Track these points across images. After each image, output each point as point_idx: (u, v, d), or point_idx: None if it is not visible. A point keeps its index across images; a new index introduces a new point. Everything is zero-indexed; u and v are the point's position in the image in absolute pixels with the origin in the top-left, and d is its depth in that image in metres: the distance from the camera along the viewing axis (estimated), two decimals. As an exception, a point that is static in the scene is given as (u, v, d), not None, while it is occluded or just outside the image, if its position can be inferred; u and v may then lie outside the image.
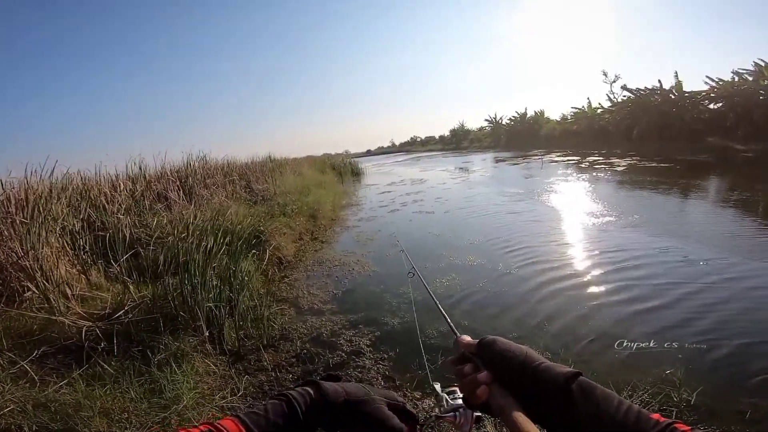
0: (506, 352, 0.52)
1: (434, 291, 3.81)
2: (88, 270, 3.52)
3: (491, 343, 0.54)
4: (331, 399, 0.52)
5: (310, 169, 15.91)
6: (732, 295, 3.22)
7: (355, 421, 0.52)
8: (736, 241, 4.56)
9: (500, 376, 0.51)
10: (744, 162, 13.28)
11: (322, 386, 0.53)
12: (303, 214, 7.32)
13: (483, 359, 0.54)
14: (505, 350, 0.52)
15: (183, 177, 7.45)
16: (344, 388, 0.54)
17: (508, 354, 0.52)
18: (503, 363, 0.51)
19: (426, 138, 75.39)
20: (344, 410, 0.52)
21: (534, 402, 0.48)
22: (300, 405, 0.50)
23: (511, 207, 8.03)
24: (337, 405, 0.52)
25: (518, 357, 0.51)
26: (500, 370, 0.51)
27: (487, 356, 0.54)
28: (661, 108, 22.46)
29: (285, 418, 0.48)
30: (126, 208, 5.17)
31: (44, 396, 1.92)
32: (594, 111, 30.01)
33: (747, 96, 18.13)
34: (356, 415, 0.52)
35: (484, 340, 0.55)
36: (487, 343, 0.54)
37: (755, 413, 1.94)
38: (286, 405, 0.49)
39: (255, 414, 0.48)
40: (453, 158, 30.42)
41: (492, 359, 0.53)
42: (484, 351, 0.54)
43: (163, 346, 2.48)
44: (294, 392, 0.52)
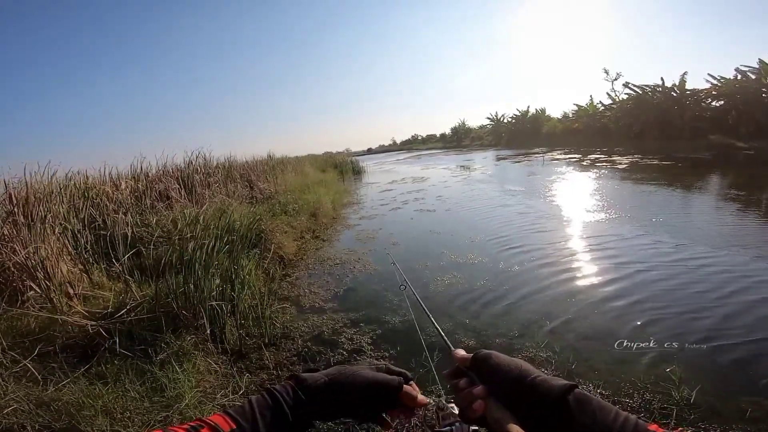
0: (501, 366, 0.52)
1: (435, 290, 3.86)
2: (90, 269, 3.54)
3: (486, 357, 0.54)
4: (312, 384, 0.52)
5: (311, 168, 15.92)
6: (734, 291, 3.21)
7: (342, 396, 0.52)
8: (744, 239, 4.55)
9: (496, 389, 0.52)
10: (746, 159, 13.24)
11: (300, 376, 0.53)
12: (304, 213, 7.33)
13: (478, 373, 0.54)
14: (501, 364, 0.53)
15: (184, 176, 7.47)
16: (323, 373, 0.54)
17: (504, 368, 0.52)
18: (498, 377, 0.52)
19: (427, 136, 75.37)
20: (328, 389, 0.52)
21: (530, 415, 0.48)
22: (283, 396, 0.50)
23: (513, 205, 8.02)
24: (320, 387, 0.52)
25: (514, 371, 0.51)
26: (496, 383, 0.52)
27: (483, 370, 0.54)
28: (662, 106, 22.39)
29: (271, 410, 0.48)
30: (127, 207, 5.18)
31: (47, 395, 1.93)
32: (595, 109, 29.94)
33: (749, 94, 18.08)
34: (342, 389, 0.52)
35: (478, 355, 0.55)
36: (482, 357, 0.55)
37: (756, 411, 1.93)
38: (270, 398, 0.49)
39: (241, 408, 0.48)
40: (454, 156, 30.40)
41: (487, 373, 0.53)
42: (479, 365, 0.55)
43: (164, 345, 2.49)
44: (277, 386, 0.52)
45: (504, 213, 7.29)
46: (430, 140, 70.36)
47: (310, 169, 15.24)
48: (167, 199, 6.33)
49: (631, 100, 25.41)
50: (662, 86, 23.01)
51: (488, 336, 2.90)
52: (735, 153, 14.78)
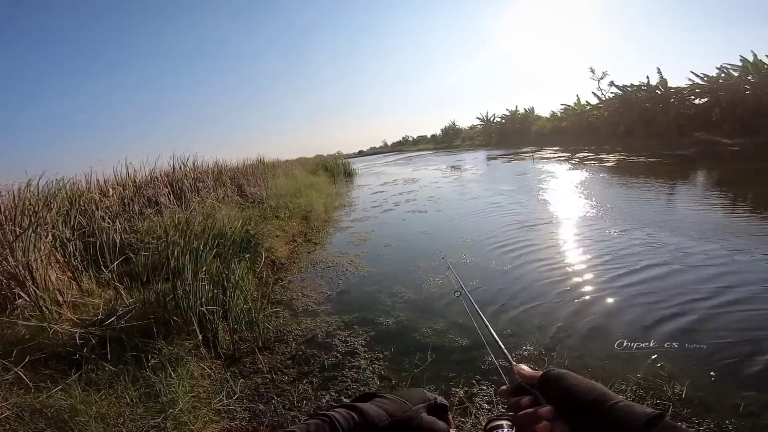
0: (577, 388, 0.48)
1: (427, 289, 3.87)
2: (79, 276, 3.50)
3: (559, 377, 0.50)
4: (376, 423, 0.49)
5: (302, 171, 15.89)
6: (726, 287, 3.24)
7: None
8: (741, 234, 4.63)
9: (566, 412, 0.47)
10: (731, 156, 13.50)
11: (365, 410, 0.50)
12: (296, 216, 7.32)
13: (546, 393, 0.50)
14: (576, 386, 0.48)
15: (173, 181, 7.41)
16: (384, 409, 0.52)
17: (579, 389, 0.47)
18: (571, 399, 0.47)
19: (418, 137, 75.52)
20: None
21: None
22: (343, 427, 0.47)
23: (504, 205, 8.09)
24: (382, 429, 0.50)
25: (590, 394, 0.46)
26: (566, 406, 0.47)
27: (552, 390, 0.50)
28: (647, 104, 22.74)
29: None
30: (115, 214, 5.13)
31: (39, 402, 1.92)
32: (583, 108, 30.29)
33: (732, 91, 18.42)
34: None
35: (550, 374, 0.51)
36: (555, 377, 0.50)
37: (750, 406, 1.93)
38: (329, 427, 0.47)
39: None
40: (445, 157, 30.53)
41: (558, 394, 0.49)
42: (548, 385, 0.50)
43: (156, 351, 2.48)
44: (336, 414, 0.49)
45: (495, 212, 7.34)
46: (421, 141, 70.52)
47: (301, 172, 15.20)
48: (156, 204, 6.28)
49: (617, 99, 25.77)
50: (647, 85, 23.38)
51: (481, 335, 2.91)
52: (720, 149, 15.06)
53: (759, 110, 16.47)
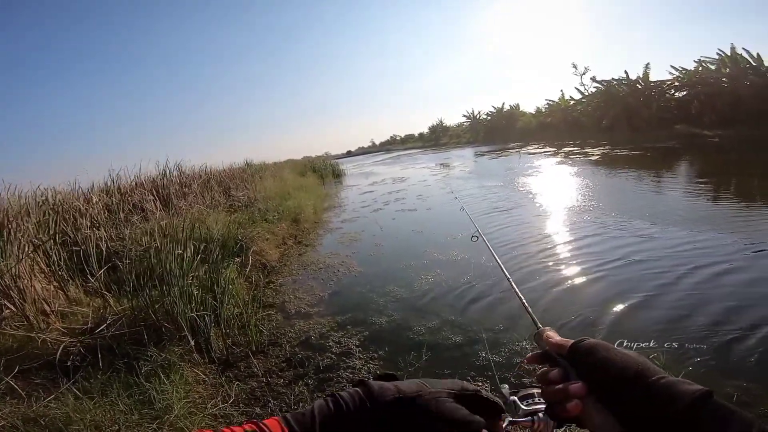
0: (613, 362, 0.42)
1: (419, 287, 3.89)
2: (66, 286, 3.43)
3: (591, 348, 0.45)
4: (379, 397, 0.46)
5: (291, 173, 15.78)
6: (717, 276, 3.31)
7: (410, 420, 0.45)
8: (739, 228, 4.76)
9: (600, 389, 0.42)
10: (711, 147, 13.84)
11: (369, 384, 0.48)
12: (285, 219, 7.27)
13: (577, 365, 0.45)
14: (612, 359, 0.42)
15: (159, 187, 7.31)
16: (396, 386, 0.48)
17: (616, 364, 0.42)
18: (606, 373, 0.42)
19: (406, 136, 75.72)
20: (396, 409, 0.46)
21: (645, 426, 0.38)
22: (347, 404, 0.46)
23: (492, 200, 8.17)
24: (387, 403, 0.46)
25: (630, 368, 0.41)
26: (600, 381, 0.42)
27: (584, 364, 0.45)
28: (629, 98, 23.18)
29: (330, 418, 0.45)
30: (100, 222, 5.04)
31: (33, 411, 1.90)
32: (567, 103, 30.74)
33: (710, 84, 18.89)
34: (411, 413, 0.45)
35: (582, 344, 0.46)
36: (587, 348, 0.45)
37: (743, 396, 1.95)
38: (332, 404, 0.46)
39: (301, 414, 0.45)
40: (433, 155, 30.67)
41: (590, 368, 0.44)
42: (579, 357, 0.45)
43: (148, 358, 2.45)
44: (343, 392, 0.48)
45: (484, 208, 7.41)
46: (409, 140, 70.72)
47: (289, 174, 15.10)
48: (142, 211, 6.18)
49: (599, 93, 26.22)
50: (627, 79, 23.82)
51: (474, 332, 2.94)
52: (701, 141, 15.42)
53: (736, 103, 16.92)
